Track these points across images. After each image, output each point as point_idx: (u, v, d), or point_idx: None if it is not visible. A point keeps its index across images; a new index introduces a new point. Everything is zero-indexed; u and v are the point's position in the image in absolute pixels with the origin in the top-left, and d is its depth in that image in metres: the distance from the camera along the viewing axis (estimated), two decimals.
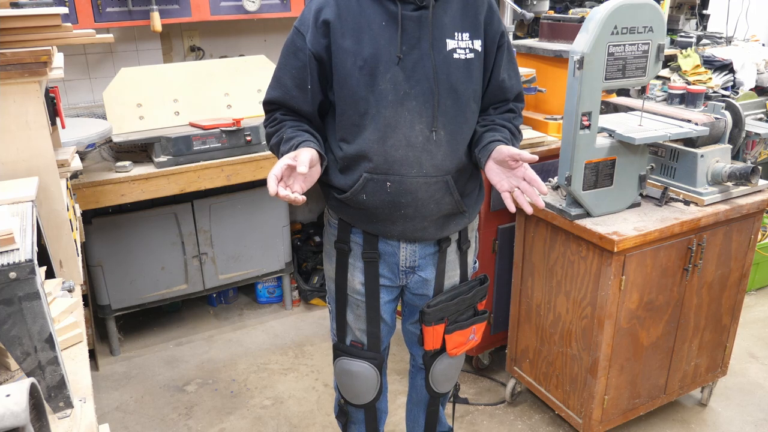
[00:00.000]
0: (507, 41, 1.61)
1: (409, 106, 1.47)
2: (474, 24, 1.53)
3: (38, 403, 0.83)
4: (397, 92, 1.47)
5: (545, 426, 2.45)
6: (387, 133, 1.48)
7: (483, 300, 1.79)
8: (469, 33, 1.52)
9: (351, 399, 1.83)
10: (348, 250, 1.66)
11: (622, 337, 2.08)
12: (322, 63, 1.51)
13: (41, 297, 0.97)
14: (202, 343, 3.01)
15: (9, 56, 1.29)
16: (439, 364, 1.80)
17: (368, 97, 1.48)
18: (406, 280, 1.70)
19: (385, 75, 1.46)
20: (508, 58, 1.62)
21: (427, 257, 1.66)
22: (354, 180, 1.54)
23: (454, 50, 1.50)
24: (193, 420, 2.50)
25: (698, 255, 2.11)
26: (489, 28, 1.56)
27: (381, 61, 1.46)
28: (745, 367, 2.80)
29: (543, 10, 2.86)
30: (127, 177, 2.46)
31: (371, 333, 1.73)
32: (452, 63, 1.49)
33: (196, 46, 3.15)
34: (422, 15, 1.47)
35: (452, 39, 1.50)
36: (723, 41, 3.75)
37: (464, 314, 1.75)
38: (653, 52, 1.90)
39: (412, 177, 1.50)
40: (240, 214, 2.98)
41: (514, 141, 1.61)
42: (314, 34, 1.49)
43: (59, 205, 1.44)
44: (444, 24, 1.49)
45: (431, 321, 1.67)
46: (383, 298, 1.70)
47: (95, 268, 2.73)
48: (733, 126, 2.21)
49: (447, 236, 1.65)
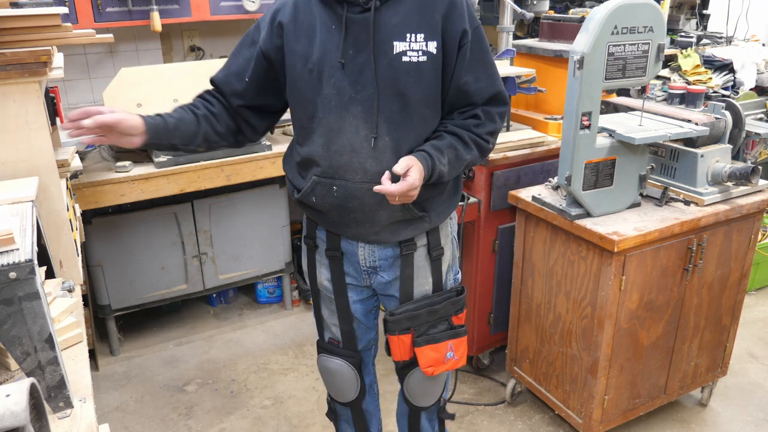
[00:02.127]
0: (473, 40, 1.47)
1: (354, 112, 1.44)
2: (430, 23, 1.43)
3: (38, 403, 0.83)
4: (341, 97, 1.44)
5: (545, 426, 2.45)
6: (332, 138, 1.47)
7: (460, 313, 1.68)
8: (424, 34, 1.42)
9: (335, 396, 1.84)
10: (315, 246, 1.68)
11: (622, 337, 2.08)
12: (270, 62, 1.52)
13: (41, 297, 0.97)
14: (202, 343, 3.01)
15: (9, 56, 1.29)
16: (412, 378, 1.74)
17: (315, 101, 1.47)
18: (370, 281, 1.66)
19: (329, 80, 1.44)
20: (476, 59, 1.48)
21: (388, 259, 1.61)
22: (305, 182, 1.55)
23: (404, 53, 1.41)
24: (193, 420, 2.50)
25: (698, 255, 2.11)
26: (448, 27, 1.44)
27: (326, 65, 1.44)
28: (745, 367, 2.80)
29: (543, 10, 2.85)
30: (127, 177, 2.46)
31: (345, 331, 1.73)
32: (400, 67, 1.42)
33: (196, 46, 3.15)
34: (366, 18, 1.41)
35: (402, 41, 1.42)
36: (723, 41, 3.75)
37: (436, 327, 1.64)
38: (653, 52, 1.90)
39: (357, 183, 1.48)
40: (240, 214, 2.98)
41: (459, 150, 1.49)
42: (269, 34, 1.50)
43: (59, 205, 1.44)
44: (392, 26, 1.42)
45: (395, 330, 1.62)
46: (351, 297, 1.69)
47: (95, 268, 2.73)
48: (733, 126, 2.21)
49: (409, 239, 1.59)
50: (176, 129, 1.48)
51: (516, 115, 2.77)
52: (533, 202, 2.19)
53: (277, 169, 2.76)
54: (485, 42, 1.52)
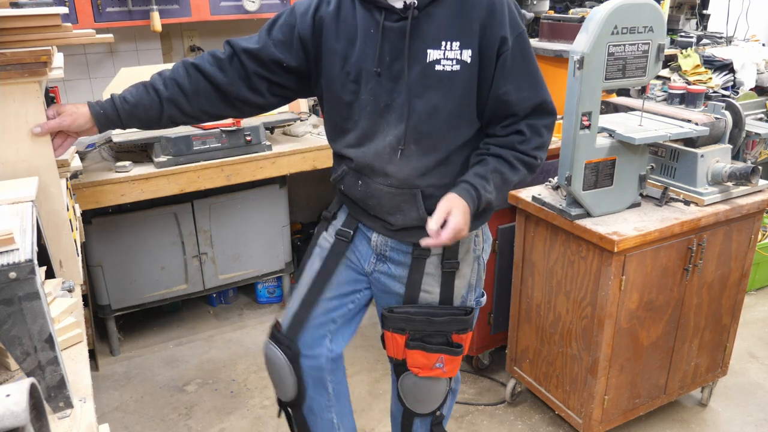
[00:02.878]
0: (514, 47, 1.40)
1: (389, 119, 1.44)
2: (467, 31, 1.38)
3: (38, 403, 0.83)
4: (377, 103, 1.44)
5: (545, 426, 2.45)
6: (363, 141, 1.49)
7: (462, 334, 1.58)
8: (459, 41, 1.38)
9: (276, 391, 1.71)
10: (332, 218, 1.70)
11: (622, 337, 2.08)
12: (305, 50, 1.50)
13: (41, 297, 0.97)
14: (202, 343, 3.01)
15: (9, 56, 1.29)
16: (407, 378, 1.65)
17: (352, 104, 1.47)
18: (373, 267, 1.62)
19: (367, 85, 1.44)
20: (517, 67, 1.41)
21: (400, 254, 1.58)
22: (338, 169, 1.61)
23: (438, 61, 1.38)
24: (193, 420, 2.50)
25: (698, 255, 2.11)
26: (486, 35, 1.38)
27: (364, 71, 1.43)
28: (745, 367, 2.80)
29: (543, 10, 2.86)
30: (127, 177, 2.46)
31: (297, 315, 1.64)
32: (432, 76, 1.39)
33: (196, 46, 3.15)
34: (403, 26, 1.38)
35: (437, 49, 1.38)
36: (723, 41, 3.75)
37: (433, 338, 1.57)
38: (653, 52, 1.90)
39: (378, 184, 1.50)
40: (240, 214, 2.98)
41: (505, 173, 1.44)
42: (309, 24, 1.47)
43: (59, 205, 1.44)
44: (428, 33, 1.38)
45: (390, 327, 1.58)
46: (339, 270, 1.64)
47: (95, 268, 2.73)
48: (734, 126, 2.21)
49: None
50: (131, 115, 1.49)
51: None
52: (533, 202, 2.19)
53: (277, 169, 2.76)
54: (529, 50, 1.44)
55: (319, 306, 1.66)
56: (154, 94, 1.50)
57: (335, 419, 1.73)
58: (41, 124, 1.37)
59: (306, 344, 1.65)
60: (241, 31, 3.23)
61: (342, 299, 1.68)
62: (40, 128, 1.37)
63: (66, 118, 1.41)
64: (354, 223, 1.64)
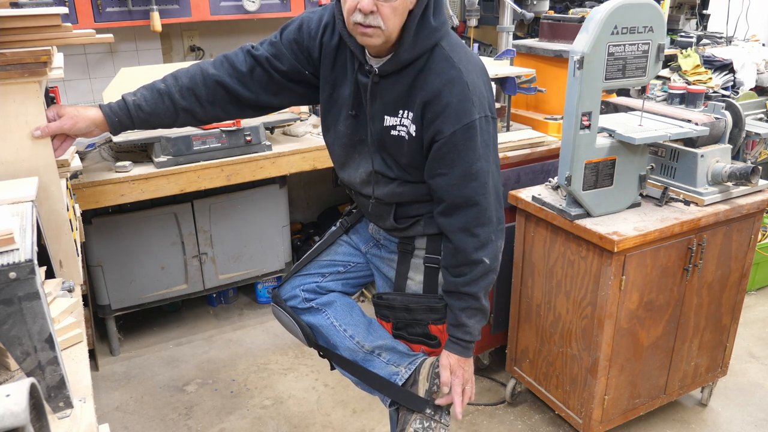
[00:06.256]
0: (452, 138, 1.38)
1: (361, 150, 1.56)
2: (414, 106, 1.43)
3: (38, 403, 0.83)
4: (353, 137, 1.55)
5: (545, 426, 2.45)
6: (342, 166, 1.64)
7: (439, 324, 1.62)
8: (412, 113, 1.43)
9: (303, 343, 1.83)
10: (347, 214, 1.85)
11: (622, 337, 2.08)
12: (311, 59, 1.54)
13: (41, 297, 0.97)
14: (202, 343, 3.01)
15: (9, 56, 1.29)
16: None
17: (331, 130, 1.60)
18: (369, 249, 1.75)
19: (345, 120, 1.54)
20: (451, 159, 1.40)
21: (391, 243, 1.68)
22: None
23: (393, 127, 1.47)
24: (193, 420, 2.50)
25: (698, 255, 2.11)
26: (426, 116, 1.41)
27: (344, 106, 1.53)
28: (745, 367, 2.80)
29: (543, 10, 2.86)
30: (127, 177, 2.46)
31: (289, 273, 1.80)
32: (388, 138, 1.49)
33: (196, 46, 3.15)
34: (366, 84, 1.46)
35: (394, 116, 1.46)
36: (723, 41, 3.75)
37: (414, 328, 1.65)
38: (653, 52, 1.90)
39: (361, 197, 1.65)
40: (240, 214, 2.98)
41: (470, 304, 1.52)
42: (311, 41, 1.52)
43: (59, 205, 1.44)
44: (388, 99, 1.46)
45: (378, 313, 1.70)
46: (335, 248, 1.78)
47: (95, 268, 2.73)
48: (733, 126, 2.21)
49: (409, 237, 1.63)
50: (145, 122, 1.54)
51: (516, 115, 2.78)
52: (533, 202, 2.19)
53: (277, 169, 2.76)
54: (471, 141, 1.39)
55: (310, 265, 1.80)
56: (170, 104, 1.53)
57: (348, 331, 1.72)
58: (41, 127, 1.36)
59: (286, 291, 1.79)
60: (240, 31, 3.23)
61: (333, 263, 1.79)
62: (40, 131, 1.37)
63: (67, 121, 1.42)
64: (359, 215, 1.79)
